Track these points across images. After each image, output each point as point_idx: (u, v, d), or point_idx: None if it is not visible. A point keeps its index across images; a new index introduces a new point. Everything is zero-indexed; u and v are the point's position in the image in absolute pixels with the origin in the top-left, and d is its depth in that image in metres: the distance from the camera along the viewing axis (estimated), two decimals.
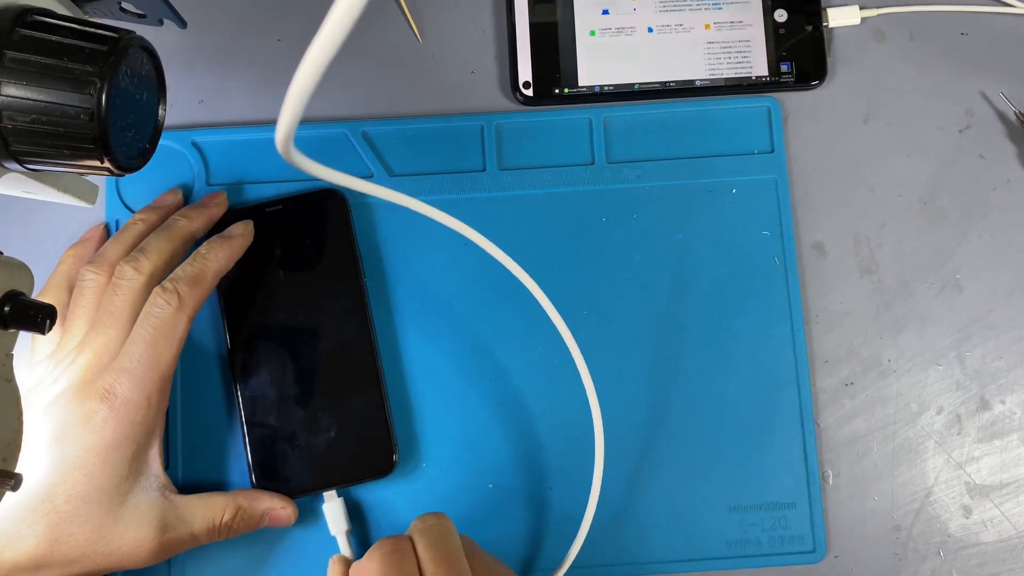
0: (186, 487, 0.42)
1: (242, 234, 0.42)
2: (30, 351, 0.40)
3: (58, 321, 0.39)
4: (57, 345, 0.39)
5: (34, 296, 0.29)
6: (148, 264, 0.39)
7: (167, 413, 0.43)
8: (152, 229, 0.42)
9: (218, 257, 0.40)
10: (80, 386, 0.37)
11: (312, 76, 0.24)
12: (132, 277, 0.38)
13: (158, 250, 0.40)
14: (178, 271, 0.39)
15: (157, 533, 0.38)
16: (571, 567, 0.42)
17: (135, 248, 0.40)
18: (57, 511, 0.36)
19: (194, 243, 0.42)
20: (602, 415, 0.43)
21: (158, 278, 0.39)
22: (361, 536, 0.43)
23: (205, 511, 0.39)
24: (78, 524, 0.36)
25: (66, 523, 0.36)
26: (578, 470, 0.43)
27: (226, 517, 0.40)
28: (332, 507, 0.42)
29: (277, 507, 0.41)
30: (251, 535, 0.42)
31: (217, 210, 0.43)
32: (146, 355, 0.37)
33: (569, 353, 0.40)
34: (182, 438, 0.43)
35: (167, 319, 0.38)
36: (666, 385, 0.44)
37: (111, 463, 0.37)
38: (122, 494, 0.37)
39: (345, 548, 0.42)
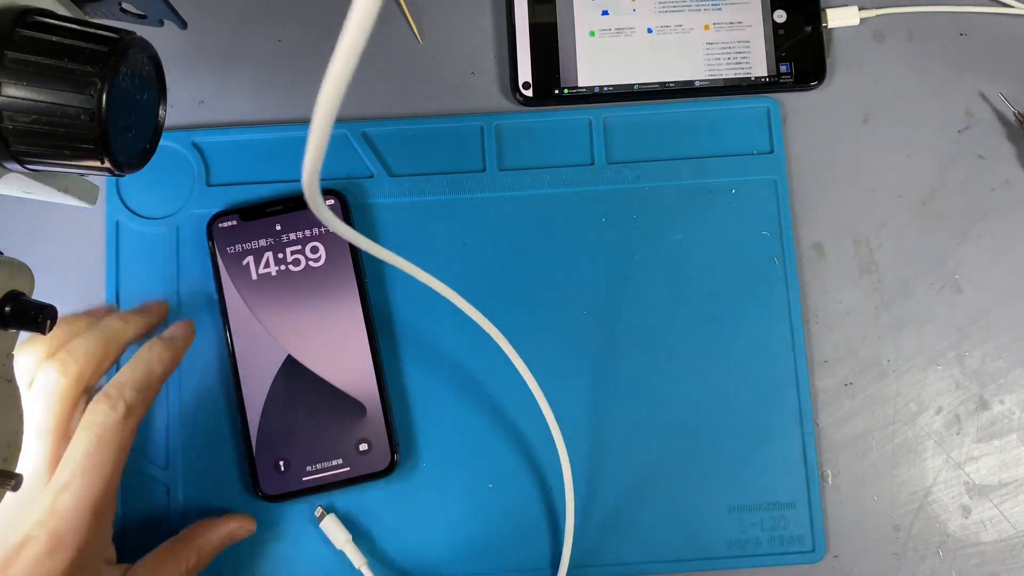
0: (185, 489, 0.42)
1: (184, 336, 0.39)
2: None
3: None
4: None
5: None
6: (75, 367, 0.35)
7: (167, 413, 0.43)
8: (132, 335, 0.38)
9: (163, 360, 0.37)
10: (12, 516, 0.33)
11: (335, 98, 0.22)
12: (55, 381, 0.34)
13: (87, 354, 0.35)
14: (122, 376, 0.36)
15: None
16: (571, 567, 0.42)
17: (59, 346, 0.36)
18: None
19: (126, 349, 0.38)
20: (600, 416, 0.43)
21: (84, 384, 0.35)
22: (364, 537, 0.43)
23: (169, 569, 0.37)
24: None
25: None
26: (578, 470, 0.43)
27: (191, 563, 0.38)
28: (328, 524, 0.42)
29: (234, 528, 0.40)
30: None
31: (156, 319, 0.40)
32: (88, 467, 0.33)
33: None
34: (182, 439, 0.43)
35: (111, 427, 0.34)
36: (665, 385, 0.44)
37: None
38: None
39: (356, 555, 0.41)
